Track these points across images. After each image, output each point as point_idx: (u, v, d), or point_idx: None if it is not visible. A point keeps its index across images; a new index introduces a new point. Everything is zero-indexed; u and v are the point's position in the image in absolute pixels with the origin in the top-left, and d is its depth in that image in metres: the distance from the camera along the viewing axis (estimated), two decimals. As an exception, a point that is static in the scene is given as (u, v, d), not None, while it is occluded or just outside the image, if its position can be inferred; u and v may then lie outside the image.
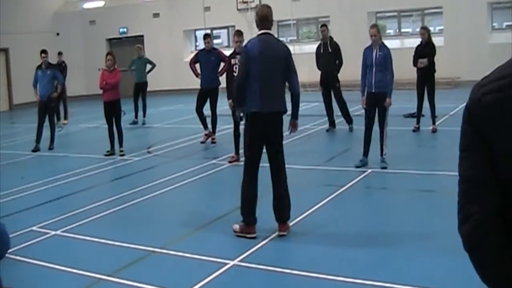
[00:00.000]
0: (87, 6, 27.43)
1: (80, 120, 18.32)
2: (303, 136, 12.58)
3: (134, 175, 10.27)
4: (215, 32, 25.49)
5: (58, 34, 26.14)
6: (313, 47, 14.13)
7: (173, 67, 24.51)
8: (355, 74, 11.07)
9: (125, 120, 14.66)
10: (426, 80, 11.89)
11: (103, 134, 12.47)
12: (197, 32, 25.36)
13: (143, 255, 6.13)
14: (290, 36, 23.25)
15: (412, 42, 12.47)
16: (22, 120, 17.28)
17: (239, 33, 10.30)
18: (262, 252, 5.99)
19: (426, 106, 12.00)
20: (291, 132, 6.78)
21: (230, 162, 10.35)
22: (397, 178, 8.80)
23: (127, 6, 26.04)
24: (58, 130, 15.04)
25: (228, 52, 11.46)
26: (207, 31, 18.53)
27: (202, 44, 12.91)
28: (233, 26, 21.96)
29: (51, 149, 13.27)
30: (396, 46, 16.58)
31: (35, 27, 24.86)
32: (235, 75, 10.08)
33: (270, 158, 6.47)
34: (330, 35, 13.22)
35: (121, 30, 26.51)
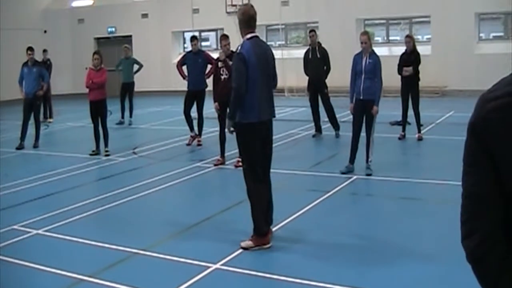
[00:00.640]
0: (76, 4, 27.26)
1: (66, 118, 18.19)
2: (289, 141, 12.58)
3: (119, 175, 10.22)
4: (204, 34, 25.46)
5: (45, 31, 25.97)
6: (301, 52, 14.12)
7: (161, 68, 24.44)
8: (342, 80, 11.12)
9: (111, 120, 14.59)
10: (410, 88, 11.91)
11: (89, 133, 12.40)
12: (185, 34, 25.29)
13: (125, 257, 6.09)
14: (279, 40, 23.29)
15: (400, 50, 12.48)
16: (9, 117, 17.11)
17: (226, 36, 10.31)
18: (245, 256, 5.97)
19: (412, 114, 12.03)
20: None
21: (215, 165, 10.33)
22: (382, 185, 8.82)
23: (116, 6, 25.91)
24: (43, 128, 14.95)
25: (216, 55, 11.44)
26: (195, 34, 18.48)
27: (190, 46, 12.88)
28: (221, 29, 21.92)
29: (36, 147, 13.18)
30: (384, 53, 16.57)
31: (23, 23, 24.65)
32: (223, 78, 10.11)
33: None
34: (318, 40, 13.24)
35: (109, 30, 26.38)
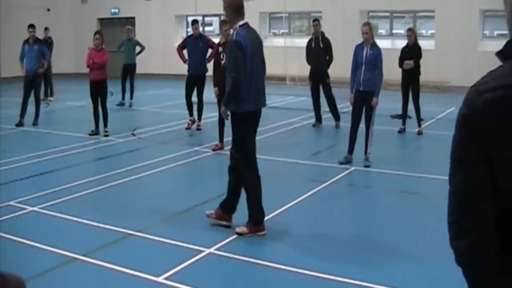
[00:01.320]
0: (80, -17, 27.11)
1: (67, 98, 18.14)
2: (289, 129, 12.57)
3: (117, 156, 10.22)
4: (207, 19, 25.33)
5: (48, 9, 25.84)
6: (304, 41, 14.07)
7: (163, 51, 24.31)
8: (344, 71, 11.06)
9: (112, 101, 14.57)
10: (411, 81, 11.85)
11: (89, 113, 12.37)
12: (189, 18, 25.12)
13: (120, 237, 6.11)
14: (282, 29, 23.19)
15: (403, 44, 12.43)
16: (9, 93, 17.07)
17: (225, 22, 10.24)
18: (239, 242, 5.98)
19: (412, 107, 12.02)
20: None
21: (214, 150, 10.32)
22: (380, 178, 8.82)
23: (120, -13, 25.78)
24: (44, 106, 14.92)
25: (218, 40, 11.39)
26: (197, 18, 18.37)
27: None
28: (225, 14, 21.77)
29: (35, 124, 13.17)
30: (387, 46, 16.50)
31: (26, 1, 24.54)
32: (223, 62, 10.05)
33: None
34: (321, 30, 13.19)
35: (112, 11, 26.24)
